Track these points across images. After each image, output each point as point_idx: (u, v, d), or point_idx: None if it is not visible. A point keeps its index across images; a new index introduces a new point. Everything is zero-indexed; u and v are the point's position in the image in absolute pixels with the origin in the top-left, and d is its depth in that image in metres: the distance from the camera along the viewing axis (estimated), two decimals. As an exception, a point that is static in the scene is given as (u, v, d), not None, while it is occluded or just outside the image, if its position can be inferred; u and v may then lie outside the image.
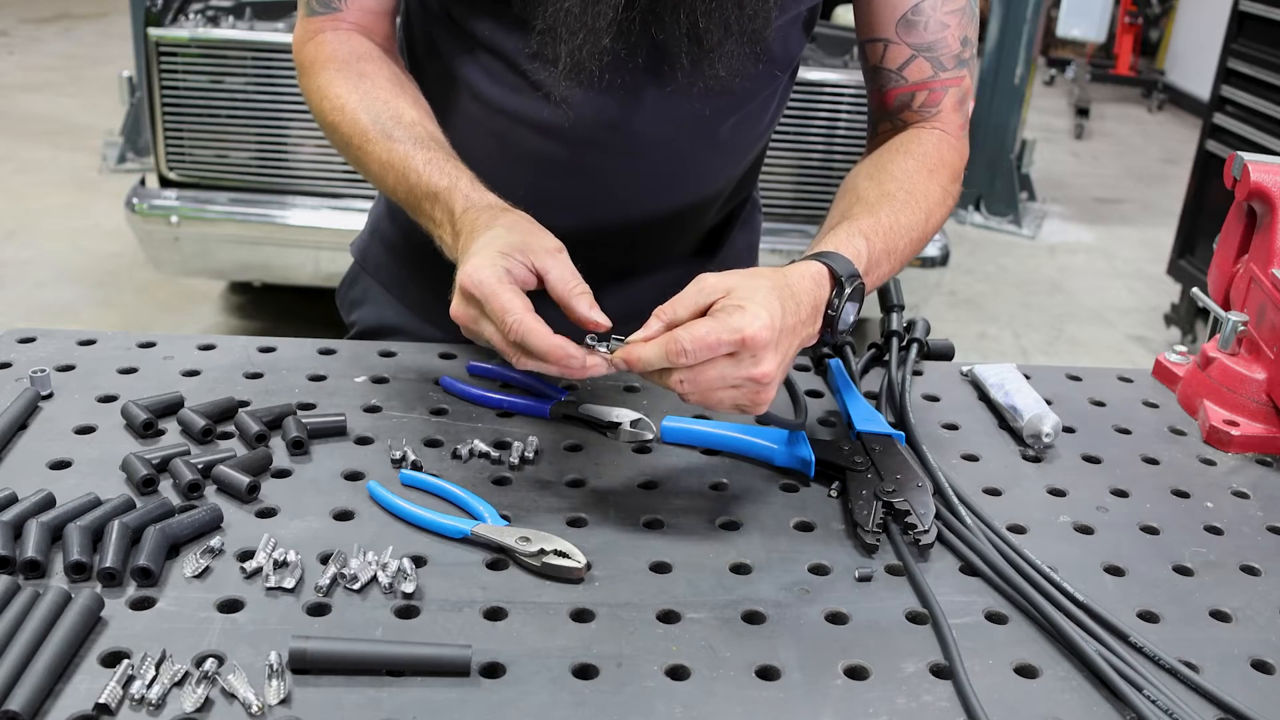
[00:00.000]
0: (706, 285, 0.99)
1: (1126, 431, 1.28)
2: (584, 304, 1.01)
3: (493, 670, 0.85)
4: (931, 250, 3.89)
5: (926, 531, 1.02)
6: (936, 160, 1.27)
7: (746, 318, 0.95)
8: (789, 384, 1.23)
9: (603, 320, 1.00)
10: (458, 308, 1.03)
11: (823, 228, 1.21)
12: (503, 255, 1.02)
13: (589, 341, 1.00)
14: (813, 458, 1.12)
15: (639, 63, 1.22)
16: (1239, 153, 1.31)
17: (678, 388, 0.98)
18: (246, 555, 0.96)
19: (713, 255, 1.49)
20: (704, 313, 0.98)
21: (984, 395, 1.33)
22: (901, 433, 1.16)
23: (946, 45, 1.28)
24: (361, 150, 1.21)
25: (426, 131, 1.20)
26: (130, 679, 0.81)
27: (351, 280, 1.57)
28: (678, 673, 0.86)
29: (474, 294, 1.00)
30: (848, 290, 1.06)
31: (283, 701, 0.81)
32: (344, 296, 1.58)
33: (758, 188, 1.56)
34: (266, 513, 1.03)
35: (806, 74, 3.59)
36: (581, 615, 0.92)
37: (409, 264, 1.48)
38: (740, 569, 0.99)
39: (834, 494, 1.11)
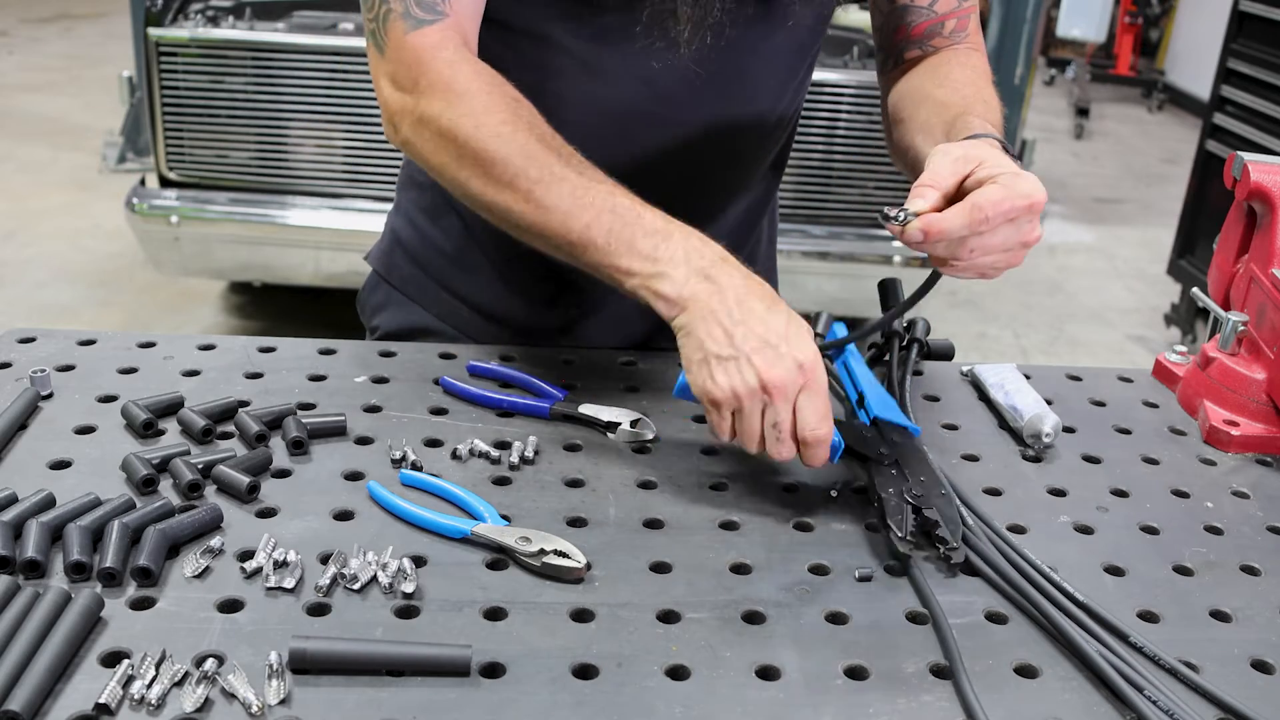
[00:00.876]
0: (955, 154, 1.05)
1: (1126, 431, 1.28)
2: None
3: (493, 670, 0.85)
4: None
5: (956, 549, 0.99)
6: (985, 71, 1.35)
7: (1031, 184, 1.02)
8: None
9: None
10: (743, 380, 0.99)
11: (913, 129, 1.26)
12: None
13: (886, 212, 1.02)
14: (841, 443, 1.07)
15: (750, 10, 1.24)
16: (1239, 153, 1.31)
17: (966, 257, 1.02)
18: (246, 555, 0.96)
19: (754, 226, 1.49)
20: (963, 182, 1.04)
21: (984, 395, 1.32)
22: (919, 427, 1.14)
23: None
24: (540, 183, 1.08)
25: (599, 172, 1.10)
26: (130, 679, 0.81)
27: (372, 287, 1.54)
28: (678, 673, 0.86)
29: (796, 377, 0.99)
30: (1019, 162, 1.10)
31: (283, 701, 0.81)
32: (365, 302, 1.55)
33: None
34: (266, 513, 1.03)
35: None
36: (581, 615, 0.92)
37: (437, 274, 1.45)
38: (740, 569, 0.99)
39: (834, 494, 1.11)
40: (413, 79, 1.14)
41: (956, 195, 1.04)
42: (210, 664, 0.83)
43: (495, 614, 0.91)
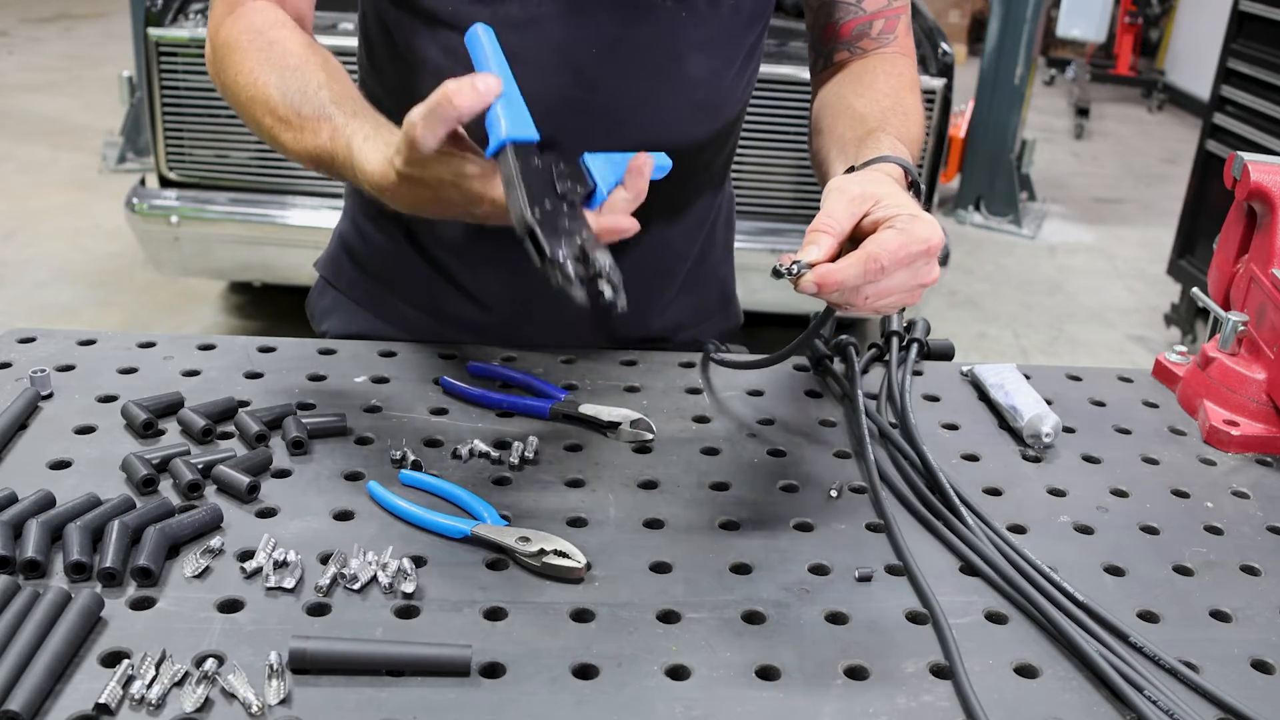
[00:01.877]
0: (853, 193, 1.01)
1: (1126, 431, 1.28)
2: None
3: (493, 670, 0.85)
4: (931, 250, 3.89)
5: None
6: (911, 79, 1.35)
7: (928, 227, 0.98)
8: None
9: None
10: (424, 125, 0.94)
11: (829, 142, 1.25)
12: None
13: (778, 267, 0.97)
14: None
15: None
16: (1239, 153, 1.31)
17: (860, 304, 0.99)
18: (246, 555, 0.96)
19: (702, 227, 1.47)
20: (859, 222, 1.00)
21: (984, 395, 1.33)
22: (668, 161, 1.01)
23: None
24: (274, 131, 1.15)
25: (331, 96, 1.12)
26: (130, 679, 0.81)
27: (320, 292, 1.54)
28: (678, 673, 0.86)
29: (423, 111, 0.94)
30: (922, 190, 1.09)
31: (283, 701, 0.81)
32: (313, 308, 1.55)
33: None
34: (266, 513, 1.03)
35: (799, 73, 3.59)
36: (581, 615, 0.92)
37: (381, 278, 1.45)
38: (740, 569, 0.99)
39: (834, 494, 1.11)
40: (213, 38, 1.24)
41: (853, 234, 1.01)
42: (210, 664, 0.82)
43: (495, 614, 0.91)
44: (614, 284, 0.90)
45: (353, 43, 1.41)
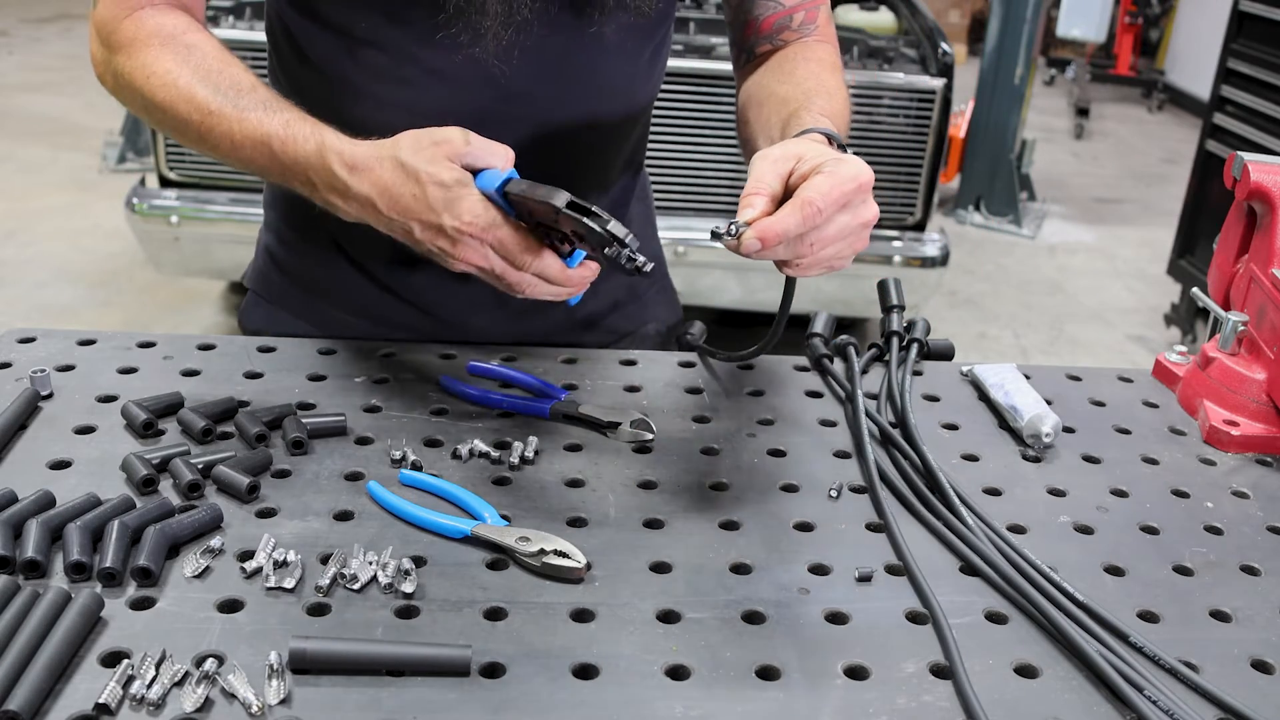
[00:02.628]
0: (774, 155, 1.03)
1: (1126, 431, 1.28)
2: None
3: (493, 670, 0.85)
4: (931, 250, 3.89)
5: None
6: (833, 62, 1.35)
7: (854, 165, 1.00)
8: None
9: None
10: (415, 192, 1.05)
11: (756, 129, 1.26)
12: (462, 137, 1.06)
13: (715, 230, 0.98)
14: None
15: (555, 10, 1.22)
16: (1239, 153, 1.31)
17: (809, 255, 1.00)
18: (246, 555, 0.96)
19: (624, 207, 1.48)
20: (787, 181, 1.02)
21: (984, 395, 1.33)
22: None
23: None
24: (204, 127, 1.14)
25: (271, 95, 1.15)
26: (130, 679, 0.81)
27: (251, 306, 1.51)
28: (678, 673, 0.86)
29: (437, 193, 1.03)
30: (849, 153, 1.08)
31: (283, 701, 0.81)
32: (245, 323, 1.51)
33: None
34: (266, 513, 1.03)
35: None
36: (581, 615, 0.92)
37: (311, 286, 1.44)
38: (740, 569, 0.99)
39: (834, 494, 1.11)
40: (107, 34, 1.22)
41: (785, 197, 1.01)
42: (210, 664, 0.83)
43: (495, 614, 0.91)
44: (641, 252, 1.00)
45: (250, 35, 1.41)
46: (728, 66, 3.71)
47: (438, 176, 1.04)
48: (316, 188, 1.11)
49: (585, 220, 0.99)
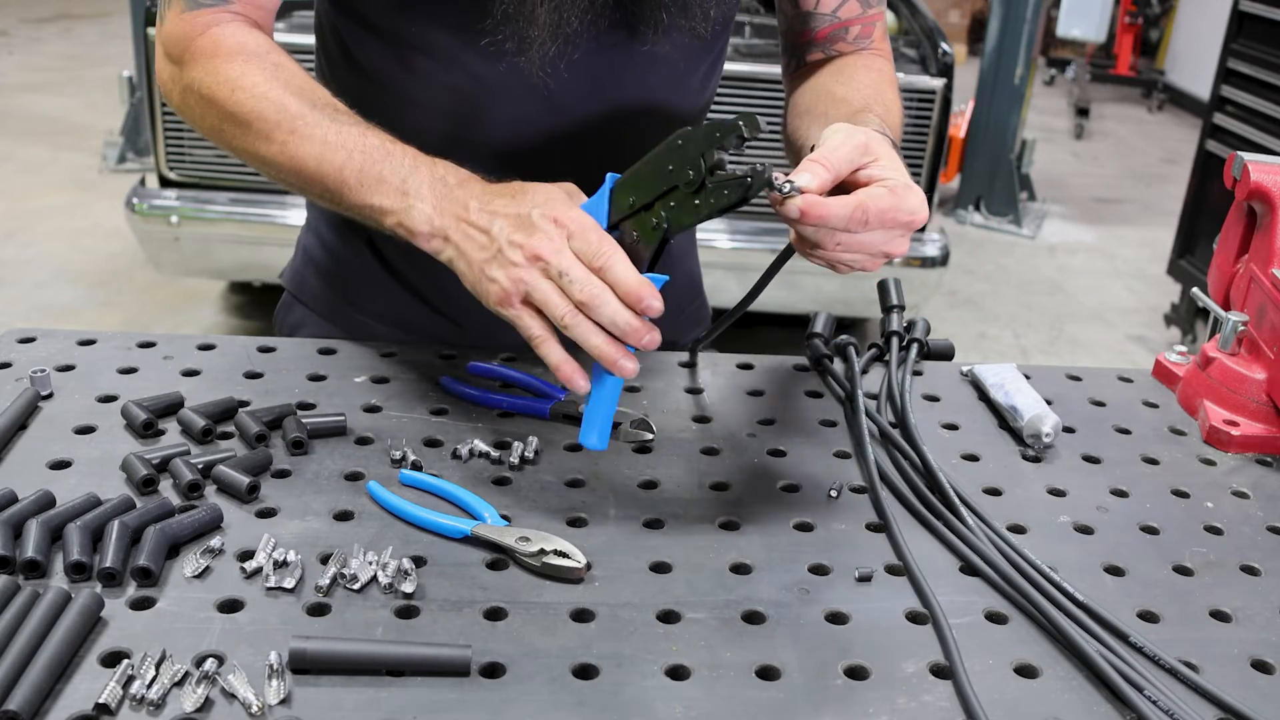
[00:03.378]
0: (858, 140, 0.99)
1: (1126, 431, 1.28)
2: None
3: (493, 670, 0.85)
4: (931, 250, 3.90)
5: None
6: (891, 77, 1.35)
7: (918, 200, 0.98)
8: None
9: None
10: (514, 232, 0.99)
11: (811, 122, 1.24)
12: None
13: (768, 176, 0.93)
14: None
15: (606, 26, 1.21)
16: (1239, 153, 1.31)
17: (829, 248, 0.98)
18: (246, 555, 0.96)
19: None
20: (856, 171, 0.99)
21: (984, 395, 1.33)
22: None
23: None
24: (295, 133, 1.12)
25: (362, 118, 1.14)
26: (130, 679, 0.81)
27: (287, 307, 1.52)
28: (678, 673, 0.86)
29: (555, 230, 0.98)
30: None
31: (283, 701, 0.81)
32: (280, 321, 1.54)
33: None
34: (266, 513, 1.03)
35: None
36: (581, 615, 0.92)
37: (346, 292, 1.44)
38: (740, 569, 0.99)
39: (834, 494, 1.11)
40: (180, 51, 1.20)
41: (844, 182, 1.00)
42: (210, 664, 0.82)
43: (495, 614, 0.91)
44: None
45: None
46: (763, 68, 3.71)
47: (521, 210, 1.02)
48: (397, 200, 1.08)
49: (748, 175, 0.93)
